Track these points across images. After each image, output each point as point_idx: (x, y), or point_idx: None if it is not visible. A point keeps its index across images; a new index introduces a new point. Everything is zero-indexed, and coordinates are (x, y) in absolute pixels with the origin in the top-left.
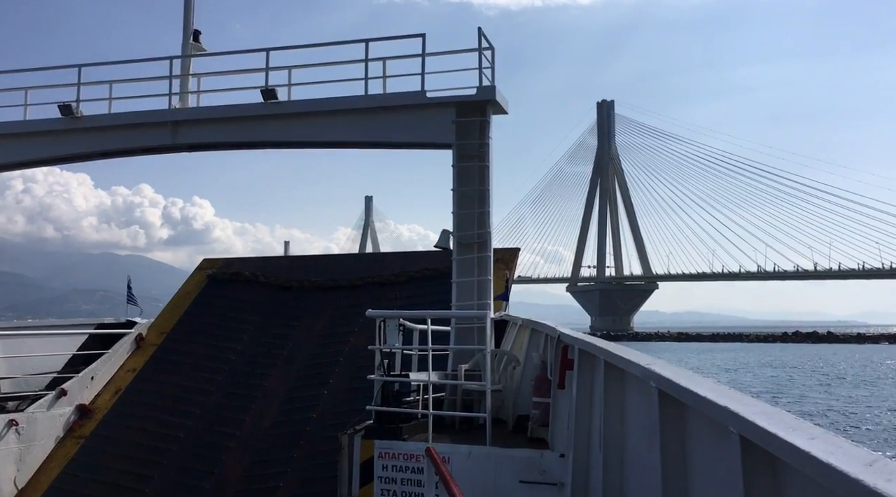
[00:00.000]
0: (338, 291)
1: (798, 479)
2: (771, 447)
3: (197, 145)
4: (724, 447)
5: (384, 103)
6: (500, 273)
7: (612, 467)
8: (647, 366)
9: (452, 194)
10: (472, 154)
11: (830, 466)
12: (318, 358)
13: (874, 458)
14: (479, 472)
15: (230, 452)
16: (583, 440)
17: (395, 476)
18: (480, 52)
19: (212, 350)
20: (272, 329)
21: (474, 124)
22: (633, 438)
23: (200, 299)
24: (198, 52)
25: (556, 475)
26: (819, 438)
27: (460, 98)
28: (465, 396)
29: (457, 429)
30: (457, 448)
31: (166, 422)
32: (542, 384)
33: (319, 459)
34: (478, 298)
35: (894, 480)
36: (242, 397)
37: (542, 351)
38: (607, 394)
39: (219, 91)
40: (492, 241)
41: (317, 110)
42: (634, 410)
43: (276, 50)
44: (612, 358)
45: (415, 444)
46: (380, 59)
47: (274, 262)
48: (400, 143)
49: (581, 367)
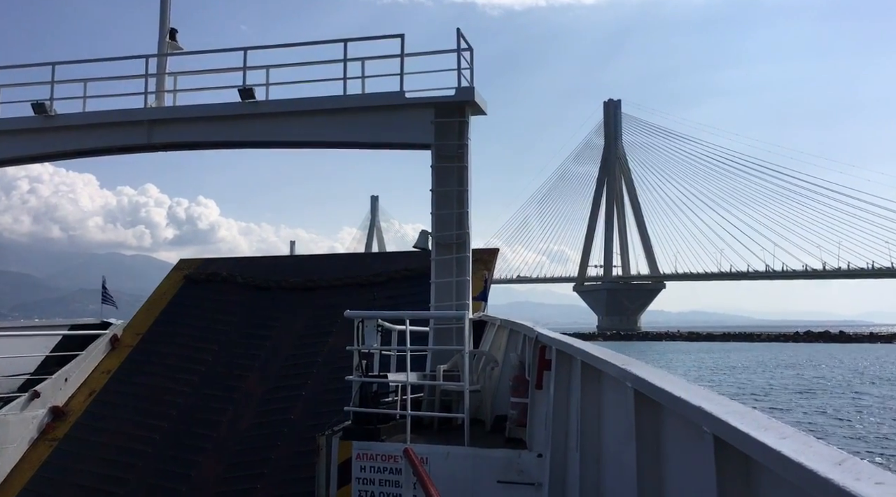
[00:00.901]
0: (316, 292)
1: (770, 478)
2: (743, 446)
3: (173, 145)
4: (698, 446)
5: (362, 103)
6: (479, 273)
7: (588, 467)
8: (622, 366)
9: (431, 195)
10: (451, 155)
11: (801, 465)
12: (296, 359)
13: (844, 458)
14: (456, 472)
15: (206, 454)
16: (560, 440)
17: (372, 477)
18: (459, 53)
19: (188, 351)
20: (250, 330)
21: (453, 125)
22: (609, 438)
23: (177, 300)
24: (174, 50)
25: (534, 475)
26: (790, 438)
27: (439, 99)
28: (444, 397)
29: (435, 429)
30: (435, 448)
31: (141, 424)
32: (520, 384)
33: (297, 461)
34: (456, 299)
35: (863, 479)
36: (219, 399)
37: (521, 351)
38: (584, 394)
39: (196, 90)
40: (471, 241)
41: (295, 110)
42: (611, 410)
43: (253, 49)
44: (588, 358)
45: (393, 445)
46: (358, 59)
47: (252, 263)
48: (379, 144)
49: (558, 367)
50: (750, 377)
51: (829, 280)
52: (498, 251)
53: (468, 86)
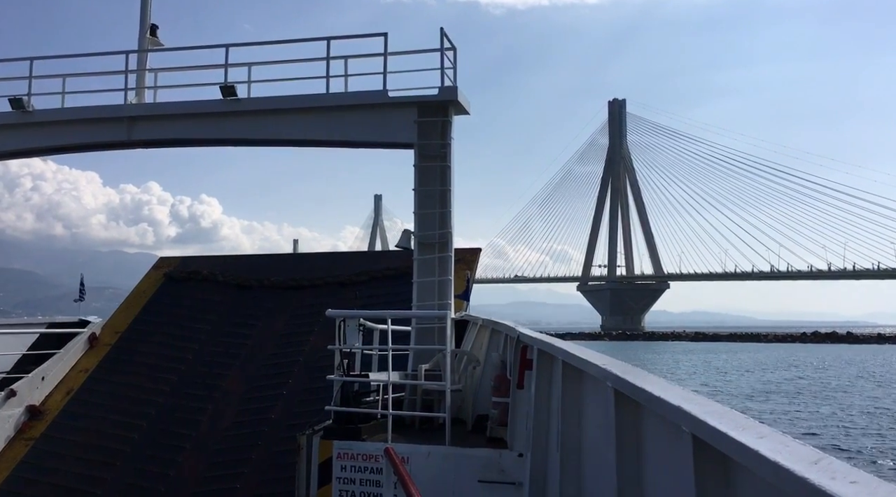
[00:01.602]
0: (298, 291)
1: (747, 477)
2: (721, 446)
3: (153, 142)
4: (677, 446)
5: (345, 102)
6: (461, 273)
7: (569, 466)
8: (603, 366)
9: (414, 194)
10: (433, 154)
11: (778, 465)
12: (277, 358)
13: (820, 457)
14: (438, 471)
15: (186, 454)
16: (541, 439)
17: (353, 476)
18: (442, 53)
19: (168, 350)
20: (230, 328)
21: (436, 124)
22: (590, 437)
23: (157, 298)
24: (155, 46)
25: (515, 475)
26: (767, 437)
27: (422, 98)
28: (425, 396)
29: (416, 429)
30: (416, 448)
31: (119, 423)
32: (502, 384)
33: (277, 460)
34: (438, 298)
35: (838, 478)
36: (199, 398)
37: (502, 351)
38: (565, 393)
39: (177, 87)
40: (453, 241)
41: (277, 108)
42: (591, 410)
43: (235, 46)
44: (569, 358)
45: (374, 445)
46: (341, 57)
47: (233, 261)
48: (361, 142)
49: (540, 367)
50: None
51: (834, 281)
52: (480, 251)
53: (451, 85)
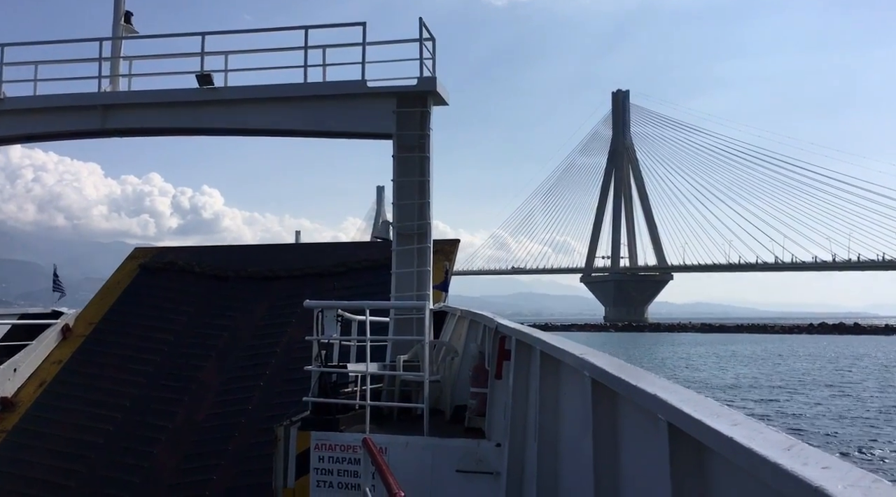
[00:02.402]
0: (276, 282)
1: (722, 464)
2: (696, 433)
3: (128, 131)
4: (653, 434)
5: (323, 92)
6: (440, 264)
7: (546, 455)
8: (580, 355)
9: (393, 185)
10: (412, 145)
11: (751, 451)
12: (255, 349)
13: (792, 444)
14: (416, 461)
15: (161, 446)
16: (519, 429)
17: (331, 467)
18: (421, 43)
19: (143, 341)
20: (207, 320)
21: (415, 115)
22: (567, 427)
23: (132, 289)
24: (129, 33)
25: (493, 464)
26: (741, 425)
27: (401, 88)
28: (404, 387)
29: (395, 420)
30: (394, 438)
31: (94, 415)
32: (480, 374)
33: (254, 452)
34: (417, 289)
35: (810, 464)
36: (175, 389)
37: (481, 341)
38: (543, 383)
39: (152, 75)
40: (431, 231)
41: (254, 97)
42: (569, 399)
43: (212, 34)
44: (547, 348)
45: (352, 435)
46: (319, 46)
47: (210, 252)
48: (340, 133)
49: (518, 357)
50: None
51: (836, 272)
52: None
53: (430, 76)
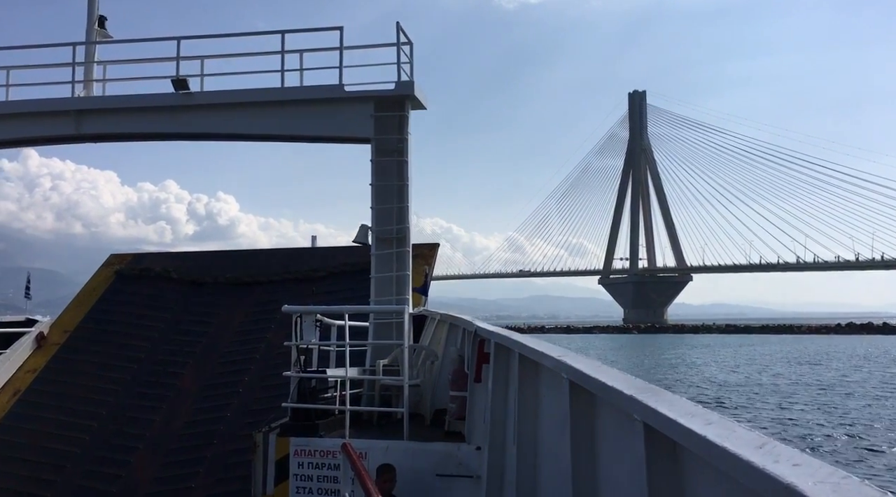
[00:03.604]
0: (254, 287)
1: (696, 463)
2: (671, 433)
3: (103, 136)
4: (630, 434)
5: (300, 96)
6: (419, 268)
7: (525, 457)
8: (558, 358)
9: (371, 189)
10: (391, 149)
11: (724, 450)
12: (233, 355)
13: (764, 442)
14: (396, 466)
15: (139, 454)
16: (498, 432)
17: (311, 473)
18: (399, 47)
19: (119, 349)
20: (184, 326)
21: (393, 119)
22: (545, 429)
23: (108, 296)
24: (103, 38)
25: (473, 468)
26: (715, 424)
27: (379, 93)
28: (383, 392)
29: (375, 424)
30: (374, 443)
31: (69, 424)
32: (460, 378)
33: (233, 459)
34: (396, 293)
35: (781, 462)
36: (152, 397)
37: (460, 345)
38: (522, 386)
39: (127, 80)
40: (410, 236)
41: (230, 102)
42: (547, 401)
43: (187, 39)
44: (526, 351)
45: (331, 441)
46: (296, 51)
47: (187, 258)
48: (317, 137)
49: (497, 360)
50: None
51: (853, 272)
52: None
53: (408, 80)
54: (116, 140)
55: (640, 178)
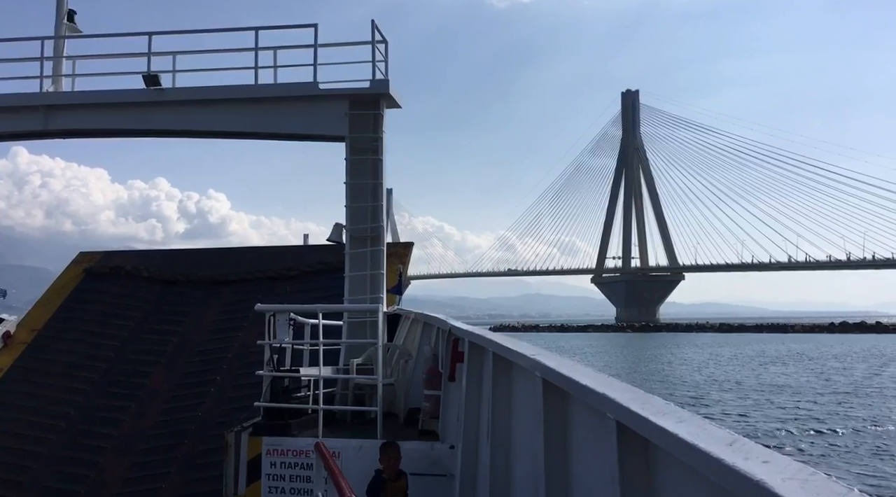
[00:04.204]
0: (227, 286)
1: (667, 460)
2: (643, 431)
3: (72, 132)
4: (602, 432)
5: (274, 93)
6: (394, 267)
7: (499, 456)
8: (532, 356)
9: (345, 187)
10: (365, 147)
11: (695, 447)
12: (205, 355)
13: (734, 439)
14: (369, 465)
15: (107, 454)
16: (472, 431)
17: (283, 473)
18: (374, 46)
19: (88, 348)
20: (155, 325)
21: (368, 118)
22: (519, 427)
23: (76, 295)
24: (72, 32)
25: (446, 466)
26: (686, 422)
27: (353, 91)
28: (357, 391)
29: (348, 423)
30: (347, 442)
31: (36, 424)
32: (434, 377)
33: (204, 458)
34: (370, 292)
35: (751, 459)
36: (122, 397)
37: (434, 344)
38: (496, 385)
39: (97, 75)
40: (385, 234)
41: (203, 99)
42: (521, 400)
43: (159, 34)
44: (500, 349)
45: (304, 440)
46: (269, 48)
47: (158, 256)
48: (291, 135)
49: (471, 359)
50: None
51: (843, 271)
52: (412, 245)
53: (383, 78)
54: (86, 136)
55: (632, 177)
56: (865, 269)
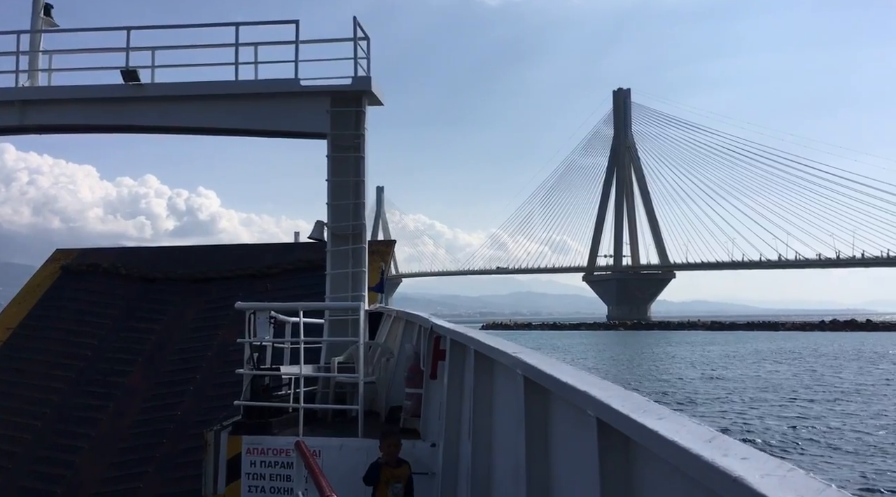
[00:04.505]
0: (207, 284)
1: (647, 457)
2: (623, 428)
3: (48, 127)
4: (583, 430)
5: (255, 90)
6: (375, 265)
7: (480, 454)
8: (513, 354)
9: (327, 185)
10: (347, 145)
11: (675, 444)
12: (185, 353)
13: (713, 436)
14: (350, 464)
15: (85, 454)
16: (454, 429)
17: (263, 472)
18: (356, 42)
19: (64, 346)
20: (133, 323)
21: (350, 114)
22: (500, 425)
23: (52, 292)
24: (49, 27)
25: (428, 464)
26: (666, 419)
27: (335, 87)
28: (338, 389)
29: (329, 422)
30: (328, 441)
31: (12, 424)
32: (415, 375)
33: (183, 458)
34: (352, 290)
35: (730, 455)
36: (99, 396)
37: (416, 342)
38: (477, 383)
39: (75, 70)
40: (366, 232)
41: (182, 94)
42: (502, 398)
43: (138, 29)
44: (481, 347)
45: (284, 439)
46: (250, 44)
47: (137, 253)
48: (272, 132)
49: (453, 357)
50: None
51: (832, 270)
52: (395, 243)
53: (365, 75)
54: (63, 131)
55: (624, 175)
56: (855, 266)
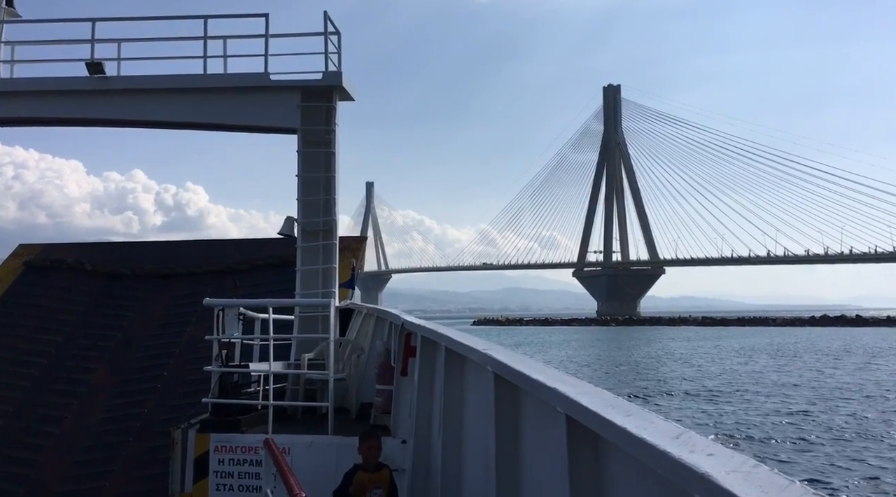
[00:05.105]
0: (174, 280)
1: (615, 453)
2: (592, 424)
3: (10, 120)
4: (552, 427)
5: (224, 83)
6: (346, 261)
7: (450, 451)
8: (484, 351)
9: (297, 180)
10: (318, 140)
11: (642, 440)
12: (152, 350)
13: (681, 432)
14: (320, 461)
15: (47, 453)
16: (424, 426)
17: (231, 470)
18: (326, 37)
19: (27, 343)
20: (99, 320)
21: (320, 110)
22: (470, 422)
23: (15, 289)
24: (11, 17)
25: (398, 461)
26: (634, 415)
27: (306, 82)
28: (308, 386)
29: (299, 419)
30: (298, 438)
31: None
32: (386, 372)
33: (149, 456)
34: (322, 286)
35: (697, 451)
36: (63, 393)
37: (387, 339)
38: (448, 379)
39: (39, 62)
40: (337, 228)
41: (149, 87)
42: (473, 395)
43: (103, 20)
44: (452, 344)
45: (253, 437)
46: (219, 37)
47: (102, 249)
48: (242, 127)
49: (423, 353)
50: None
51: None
52: (366, 239)
53: (336, 70)
54: (26, 124)
55: (614, 171)
56: (843, 262)
